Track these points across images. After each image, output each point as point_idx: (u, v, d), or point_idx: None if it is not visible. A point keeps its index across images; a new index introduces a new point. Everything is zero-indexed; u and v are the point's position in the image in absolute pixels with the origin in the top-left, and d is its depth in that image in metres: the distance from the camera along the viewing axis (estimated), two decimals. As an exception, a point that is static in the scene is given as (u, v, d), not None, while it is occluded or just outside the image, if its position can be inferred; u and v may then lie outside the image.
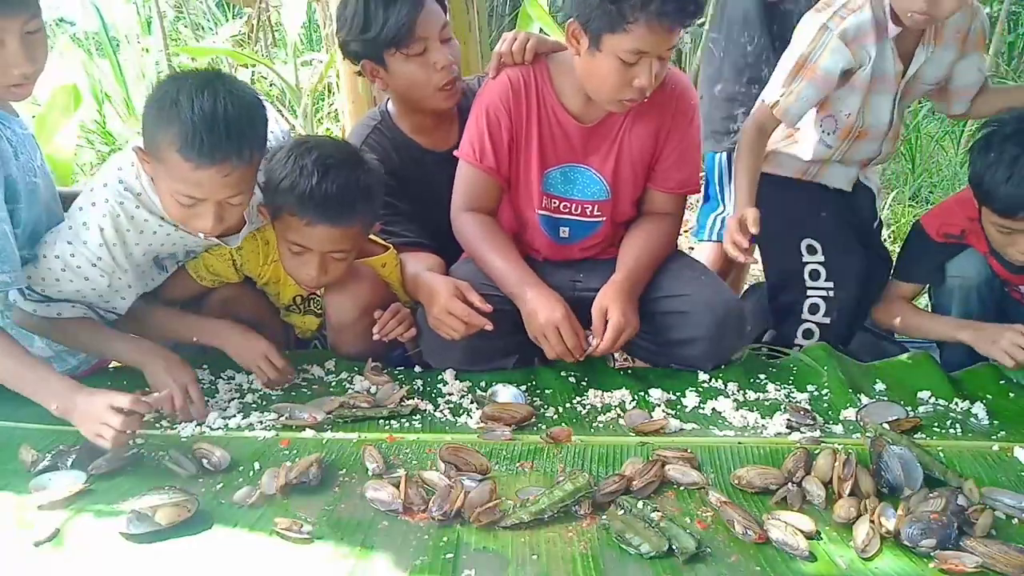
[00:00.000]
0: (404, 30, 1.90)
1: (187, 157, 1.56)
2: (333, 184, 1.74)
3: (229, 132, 1.56)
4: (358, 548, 1.30)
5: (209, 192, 1.62)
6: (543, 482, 1.49)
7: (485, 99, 1.92)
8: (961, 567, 1.27)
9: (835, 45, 1.88)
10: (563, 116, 1.90)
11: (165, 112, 1.57)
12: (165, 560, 1.27)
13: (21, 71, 1.58)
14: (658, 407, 1.77)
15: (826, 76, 1.91)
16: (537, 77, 1.90)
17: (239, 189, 1.65)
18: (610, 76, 1.75)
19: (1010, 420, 1.76)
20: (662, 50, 1.72)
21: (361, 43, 1.96)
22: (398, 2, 1.89)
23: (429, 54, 1.94)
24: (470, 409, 1.76)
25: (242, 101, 1.61)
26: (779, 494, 1.45)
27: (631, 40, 1.68)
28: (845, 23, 1.89)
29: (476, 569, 1.25)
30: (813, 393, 1.86)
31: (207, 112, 1.55)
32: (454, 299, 1.81)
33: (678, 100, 1.92)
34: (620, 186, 1.96)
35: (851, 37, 1.89)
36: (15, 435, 1.60)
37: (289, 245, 1.82)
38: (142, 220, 1.73)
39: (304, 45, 4.80)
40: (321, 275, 1.82)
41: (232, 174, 1.60)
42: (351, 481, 1.48)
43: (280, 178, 1.77)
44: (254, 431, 1.64)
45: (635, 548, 1.29)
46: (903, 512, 1.36)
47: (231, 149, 1.57)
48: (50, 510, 1.37)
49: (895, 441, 1.59)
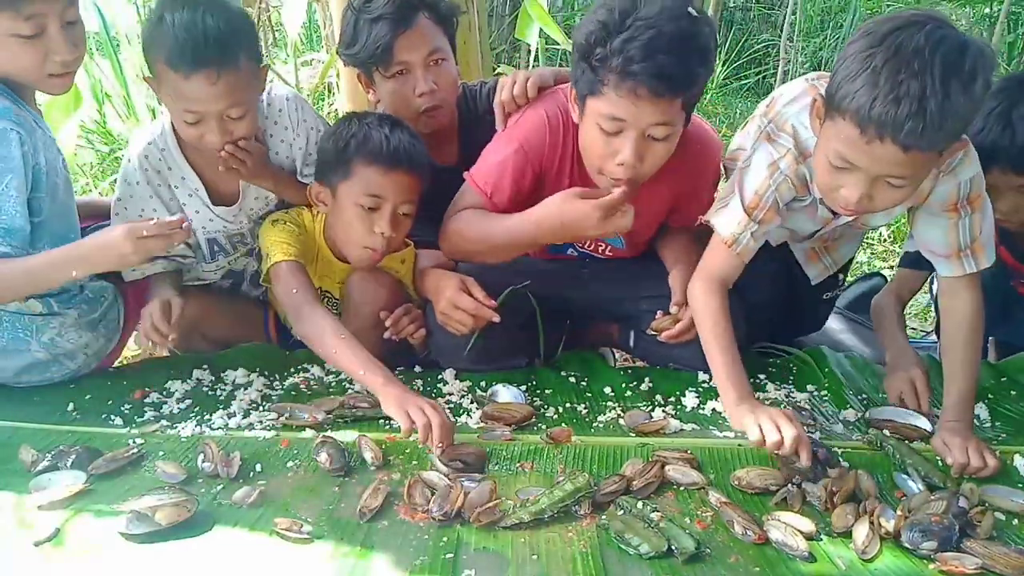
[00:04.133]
0: (380, 52, 1.91)
1: (175, 68, 1.66)
2: (403, 133, 1.84)
3: (208, 39, 1.65)
4: (358, 548, 1.29)
5: (204, 104, 1.71)
6: (543, 482, 1.48)
7: (519, 135, 1.82)
8: (961, 569, 1.26)
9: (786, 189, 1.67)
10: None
11: (154, 31, 1.70)
12: (165, 560, 1.27)
13: (62, 58, 1.64)
14: (658, 407, 1.77)
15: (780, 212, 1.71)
16: (566, 116, 1.79)
17: (233, 99, 1.72)
18: (592, 145, 1.66)
19: (1011, 422, 1.76)
20: (644, 122, 1.58)
21: (348, 57, 2.01)
22: (381, 21, 1.89)
23: (409, 78, 1.94)
24: (470, 409, 1.76)
25: (223, 13, 1.70)
26: (779, 495, 1.45)
27: (607, 105, 1.58)
28: (796, 170, 1.65)
29: (476, 569, 1.25)
30: (813, 393, 1.86)
31: (187, 23, 1.65)
32: (460, 293, 1.79)
33: (702, 164, 1.87)
34: (634, 237, 1.94)
35: (799, 183, 1.68)
36: (15, 435, 1.60)
37: (363, 200, 1.83)
38: (166, 169, 1.89)
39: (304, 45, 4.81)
40: (393, 231, 1.85)
41: (219, 82, 1.68)
42: (351, 480, 1.49)
43: (346, 139, 1.84)
44: (254, 431, 1.64)
45: (634, 548, 1.29)
46: (902, 513, 1.36)
47: (213, 55, 1.66)
48: (50, 510, 1.37)
49: (895, 448, 1.59)
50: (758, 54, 6.47)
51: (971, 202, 1.62)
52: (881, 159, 1.40)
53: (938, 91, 1.31)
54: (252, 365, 1.89)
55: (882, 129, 1.35)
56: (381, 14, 1.89)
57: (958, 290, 1.68)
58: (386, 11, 1.89)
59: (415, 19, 1.91)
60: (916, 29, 1.34)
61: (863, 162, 1.42)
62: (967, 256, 1.66)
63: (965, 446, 1.56)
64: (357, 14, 1.94)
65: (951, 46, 1.34)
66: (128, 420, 1.68)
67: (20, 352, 1.75)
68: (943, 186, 1.60)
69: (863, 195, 1.46)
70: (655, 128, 1.60)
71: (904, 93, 1.32)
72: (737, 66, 6.21)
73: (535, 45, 3.44)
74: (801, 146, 1.62)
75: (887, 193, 1.47)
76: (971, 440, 1.58)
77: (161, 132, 1.90)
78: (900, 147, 1.36)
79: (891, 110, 1.33)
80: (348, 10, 1.98)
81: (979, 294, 1.68)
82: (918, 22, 1.36)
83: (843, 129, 1.41)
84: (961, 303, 1.68)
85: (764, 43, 6.53)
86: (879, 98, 1.33)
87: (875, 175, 1.44)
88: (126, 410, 1.70)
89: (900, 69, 1.33)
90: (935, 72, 1.31)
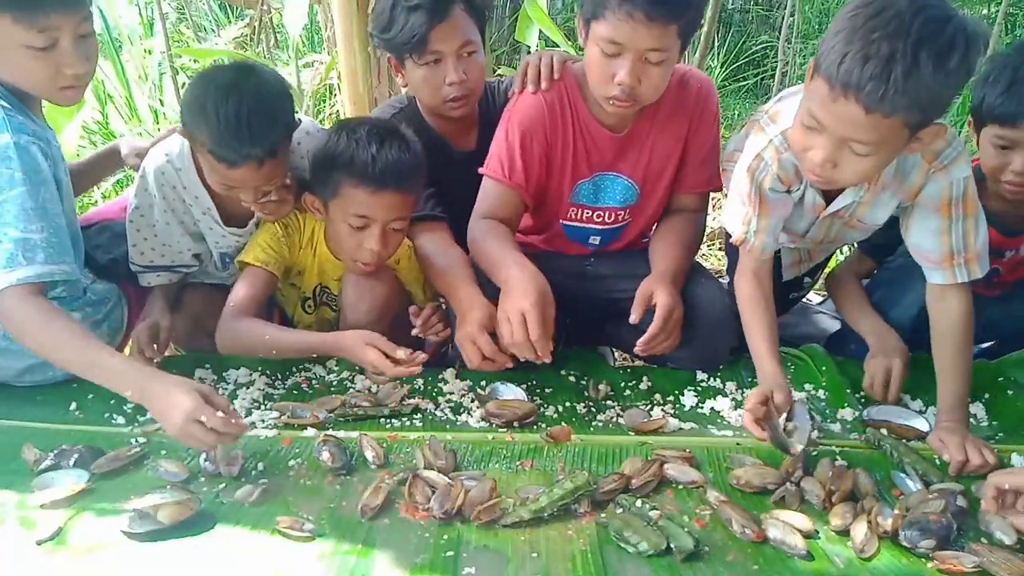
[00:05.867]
0: (417, 40, 1.92)
1: (219, 159, 1.73)
2: (391, 150, 1.81)
3: (253, 135, 1.70)
4: (359, 546, 1.30)
5: (244, 182, 1.79)
6: (543, 481, 1.49)
7: (517, 117, 1.89)
8: (960, 567, 1.27)
9: (771, 179, 1.68)
10: (595, 128, 1.90)
11: (196, 115, 1.73)
12: (167, 559, 1.27)
13: (74, 71, 1.64)
14: (657, 406, 1.78)
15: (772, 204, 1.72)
16: (568, 92, 1.89)
17: (271, 176, 1.81)
18: (594, 67, 1.74)
19: (1008, 421, 1.77)
20: (640, 45, 1.66)
21: (382, 41, 2.01)
22: (419, 10, 1.90)
23: (441, 67, 1.96)
24: (471, 408, 1.77)
25: (265, 98, 1.74)
26: (777, 493, 1.46)
27: (606, 28, 1.65)
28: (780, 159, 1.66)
29: (476, 567, 1.25)
30: (810, 392, 1.87)
31: (231, 118, 1.68)
32: (482, 332, 1.74)
33: (702, 102, 1.93)
34: (648, 187, 1.98)
35: (785, 174, 1.69)
36: (18, 434, 1.61)
37: (350, 220, 1.83)
38: (181, 188, 1.92)
39: (305, 46, 4.81)
40: (383, 248, 1.85)
41: (262, 168, 1.76)
42: (353, 479, 1.49)
43: (335, 155, 1.83)
44: (256, 429, 1.65)
45: (634, 546, 1.30)
46: (900, 512, 1.37)
47: (256, 149, 1.72)
48: (52, 509, 1.38)
49: (892, 447, 1.60)
50: (757, 56, 6.47)
51: (965, 205, 1.62)
52: (844, 118, 1.38)
53: (908, 56, 1.29)
54: (254, 364, 1.90)
55: (846, 86, 1.34)
56: (419, 3, 1.91)
57: (949, 295, 1.69)
58: (424, 1, 1.91)
59: (451, 10, 1.93)
60: None
61: (829, 121, 1.41)
62: (960, 265, 1.66)
63: (963, 444, 1.57)
64: (395, 0, 1.95)
65: (933, 16, 1.31)
66: (130, 419, 1.68)
67: (23, 352, 1.74)
68: (934, 183, 1.60)
69: (827, 158, 1.45)
70: (651, 53, 1.67)
71: (873, 53, 1.30)
72: (735, 67, 6.21)
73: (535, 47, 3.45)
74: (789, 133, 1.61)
75: (852, 161, 1.45)
76: (969, 438, 1.59)
77: (180, 152, 1.91)
78: (862, 107, 1.34)
79: (856, 68, 1.31)
80: None
81: (969, 297, 1.68)
82: None
83: (816, 87, 1.40)
84: (952, 307, 1.69)
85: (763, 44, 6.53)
86: (849, 55, 1.32)
87: (839, 136, 1.42)
88: (128, 409, 1.70)
89: (876, 29, 1.31)
90: (909, 37, 1.29)
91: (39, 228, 1.55)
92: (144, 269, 2.00)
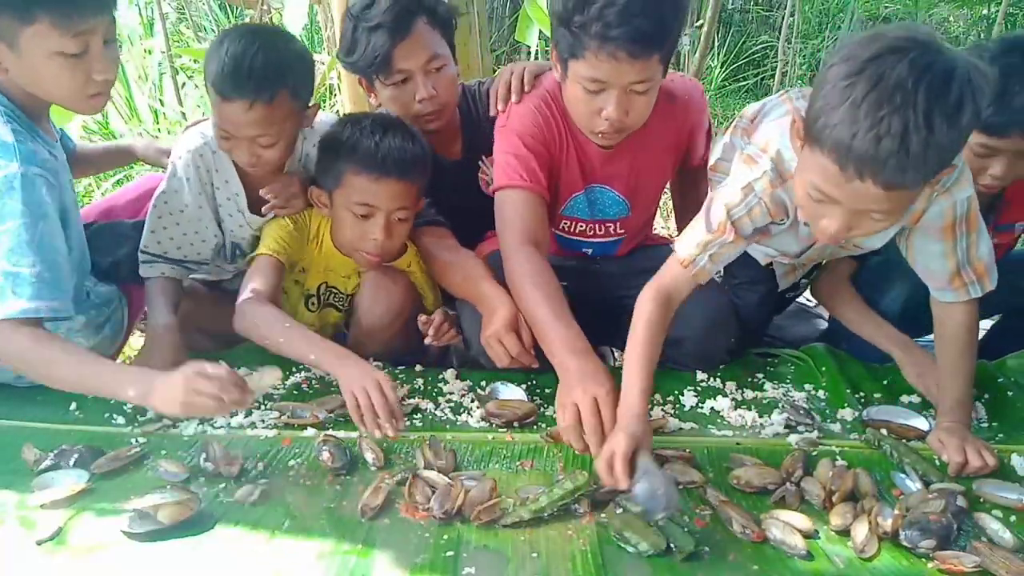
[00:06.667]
0: (380, 60, 1.92)
1: (216, 89, 1.77)
2: (395, 139, 1.83)
3: (251, 73, 1.73)
4: (359, 546, 1.30)
5: (235, 128, 1.80)
6: (543, 481, 1.49)
7: (516, 127, 1.86)
8: (960, 567, 1.27)
9: (760, 213, 1.60)
10: (584, 139, 1.88)
11: (212, 52, 1.79)
12: (167, 559, 1.27)
13: (104, 77, 1.65)
14: (657, 406, 1.78)
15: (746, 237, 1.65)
16: (556, 103, 1.86)
17: (262, 129, 1.80)
18: (579, 104, 1.72)
19: (1009, 421, 1.77)
20: (624, 80, 1.63)
21: (347, 64, 2.03)
22: (380, 30, 1.89)
23: (410, 84, 1.96)
24: (471, 408, 1.77)
25: (278, 48, 1.79)
26: (777, 493, 1.46)
27: (588, 68, 1.62)
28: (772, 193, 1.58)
29: (476, 567, 1.26)
30: (810, 392, 1.87)
31: (237, 54, 1.74)
32: (510, 332, 1.72)
33: (691, 108, 1.94)
34: (637, 201, 1.98)
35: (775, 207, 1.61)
36: (18, 434, 1.61)
37: (354, 209, 1.84)
38: (214, 170, 1.95)
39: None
40: (387, 238, 1.86)
41: (251, 111, 1.76)
42: (353, 479, 1.49)
43: (339, 144, 1.84)
44: (256, 429, 1.65)
45: (633, 546, 1.30)
46: (900, 512, 1.37)
47: (250, 88, 1.74)
48: (53, 509, 1.38)
49: (892, 447, 1.60)
50: (757, 56, 6.48)
51: (968, 223, 1.59)
52: (862, 196, 1.31)
53: (921, 127, 1.21)
54: (254, 365, 1.89)
55: (862, 168, 1.26)
56: (379, 23, 1.89)
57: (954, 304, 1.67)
58: (384, 20, 1.89)
59: (413, 26, 1.91)
60: (899, 57, 1.23)
61: (843, 197, 1.34)
62: (972, 283, 1.63)
63: (962, 446, 1.56)
64: (355, 22, 1.94)
65: (936, 76, 1.22)
66: (130, 419, 1.68)
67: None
68: (937, 206, 1.56)
69: (843, 227, 1.39)
70: (637, 85, 1.66)
71: (885, 131, 1.22)
72: (735, 68, 6.22)
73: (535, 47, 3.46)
74: (783, 168, 1.55)
75: (870, 224, 1.40)
76: (969, 440, 1.58)
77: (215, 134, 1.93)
78: (881, 187, 1.28)
79: (871, 149, 1.23)
80: (347, 17, 1.99)
81: (975, 304, 1.67)
82: (901, 49, 1.24)
83: (822, 163, 1.32)
84: (957, 312, 1.67)
85: (763, 44, 6.54)
86: (859, 135, 1.24)
87: (856, 209, 1.37)
88: (128, 409, 1.70)
89: (881, 103, 1.22)
90: (918, 107, 1.21)
91: (31, 263, 1.54)
92: (154, 258, 1.97)
